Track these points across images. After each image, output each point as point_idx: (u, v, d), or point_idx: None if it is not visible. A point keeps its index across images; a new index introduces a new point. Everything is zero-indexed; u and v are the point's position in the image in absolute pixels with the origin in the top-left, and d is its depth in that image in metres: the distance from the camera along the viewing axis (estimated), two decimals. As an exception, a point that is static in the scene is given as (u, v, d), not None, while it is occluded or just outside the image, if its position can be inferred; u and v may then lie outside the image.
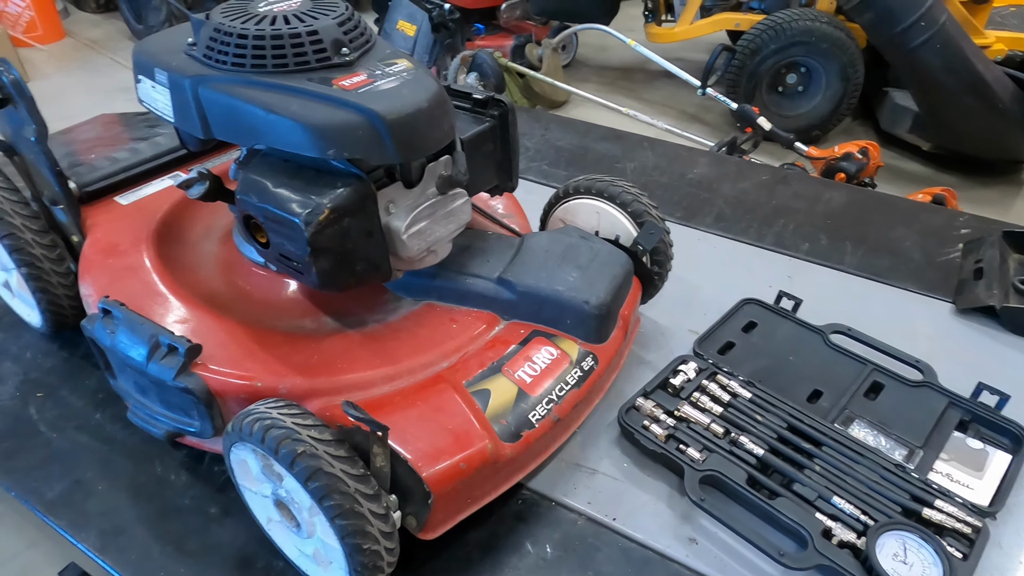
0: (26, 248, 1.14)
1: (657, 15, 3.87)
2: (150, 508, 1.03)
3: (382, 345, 1.03)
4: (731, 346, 1.26)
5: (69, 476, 1.08)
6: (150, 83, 1.01)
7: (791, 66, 3.38)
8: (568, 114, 3.46)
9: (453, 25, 3.11)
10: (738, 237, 1.62)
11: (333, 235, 0.90)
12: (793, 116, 3.44)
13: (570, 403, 1.01)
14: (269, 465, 0.84)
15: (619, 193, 1.22)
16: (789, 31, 3.25)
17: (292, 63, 0.92)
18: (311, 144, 0.88)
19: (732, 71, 3.41)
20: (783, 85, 3.45)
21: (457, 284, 1.09)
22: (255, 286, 1.14)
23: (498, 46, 3.72)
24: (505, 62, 3.50)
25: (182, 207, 1.27)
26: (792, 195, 1.80)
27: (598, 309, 1.04)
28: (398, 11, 3.46)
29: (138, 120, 2.36)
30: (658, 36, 3.84)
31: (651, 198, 1.24)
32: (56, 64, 4.33)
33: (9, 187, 1.16)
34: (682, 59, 3.91)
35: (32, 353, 1.31)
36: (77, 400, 1.21)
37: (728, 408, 1.12)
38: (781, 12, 3.33)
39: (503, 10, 3.96)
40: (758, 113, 2.91)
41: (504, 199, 1.36)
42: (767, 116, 2.97)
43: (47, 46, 4.52)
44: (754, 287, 1.40)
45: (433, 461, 0.86)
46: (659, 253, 1.23)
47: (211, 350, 0.97)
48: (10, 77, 1.07)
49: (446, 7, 3.07)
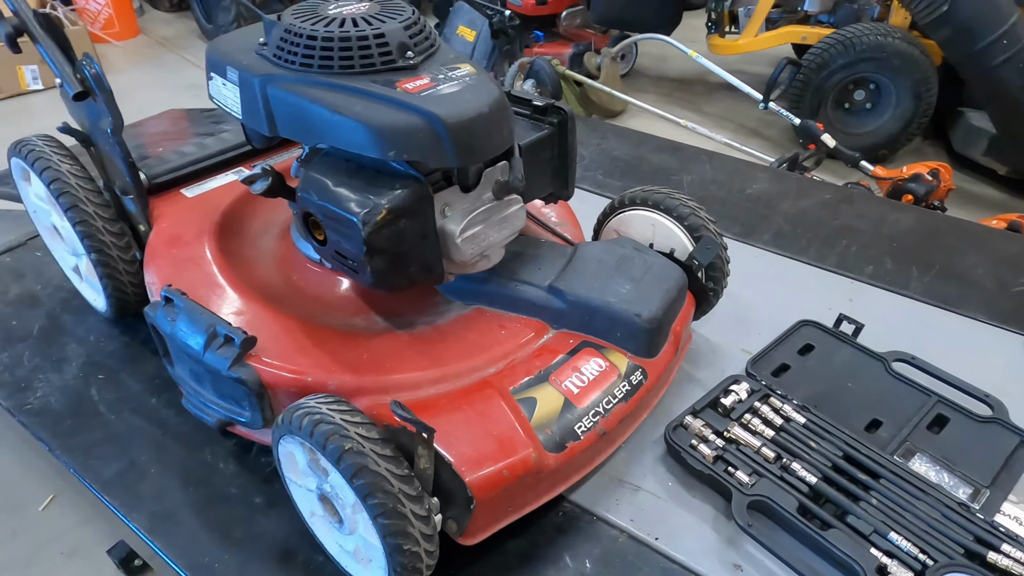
0: (97, 235, 1.20)
1: (720, 26, 3.82)
2: (198, 494, 1.07)
3: (430, 347, 1.04)
4: (786, 368, 1.24)
5: (124, 457, 1.12)
6: (221, 80, 1.05)
7: (859, 82, 3.28)
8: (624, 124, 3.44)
9: (512, 32, 3.14)
10: (797, 256, 1.59)
11: (389, 235, 0.92)
12: (859, 134, 3.34)
13: (617, 417, 1.01)
14: (316, 460, 0.86)
15: (676, 206, 1.21)
16: (859, 46, 3.16)
17: (358, 65, 0.94)
18: (372, 145, 0.90)
19: (796, 85, 3.34)
20: (850, 101, 3.35)
21: (508, 290, 1.10)
22: (309, 282, 1.17)
23: (556, 54, 3.73)
24: (563, 70, 3.51)
25: (243, 201, 1.31)
26: (856, 215, 1.75)
27: (649, 323, 1.03)
28: (459, 17, 3.51)
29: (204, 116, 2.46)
30: (721, 48, 3.79)
31: (708, 212, 1.23)
32: (130, 60, 4.55)
33: (84, 176, 1.22)
34: (744, 72, 3.84)
35: (96, 336, 1.37)
36: (135, 384, 1.26)
37: (780, 432, 1.09)
38: (851, 26, 3.24)
39: (563, 18, 3.97)
40: (822, 129, 2.84)
41: (558, 207, 1.36)
42: (831, 133, 2.90)
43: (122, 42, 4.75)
44: (812, 309, 1.37)
45: (477, 466, 0.86)
46: (715, 269, 1.22)
47: (265, 343, 0.99)
48: (92, 71, 1.13)
49: (506, 14, 3.10)
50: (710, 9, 3.80)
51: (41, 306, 1.45)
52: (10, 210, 1.95)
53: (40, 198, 1.31)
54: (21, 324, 1.40)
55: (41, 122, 3.57)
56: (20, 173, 1.33)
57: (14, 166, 1.32)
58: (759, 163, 2.36)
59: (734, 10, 3.85)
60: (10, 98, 3.89)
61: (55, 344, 1.35)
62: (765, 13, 3.65)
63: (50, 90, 3.94)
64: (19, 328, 1.40)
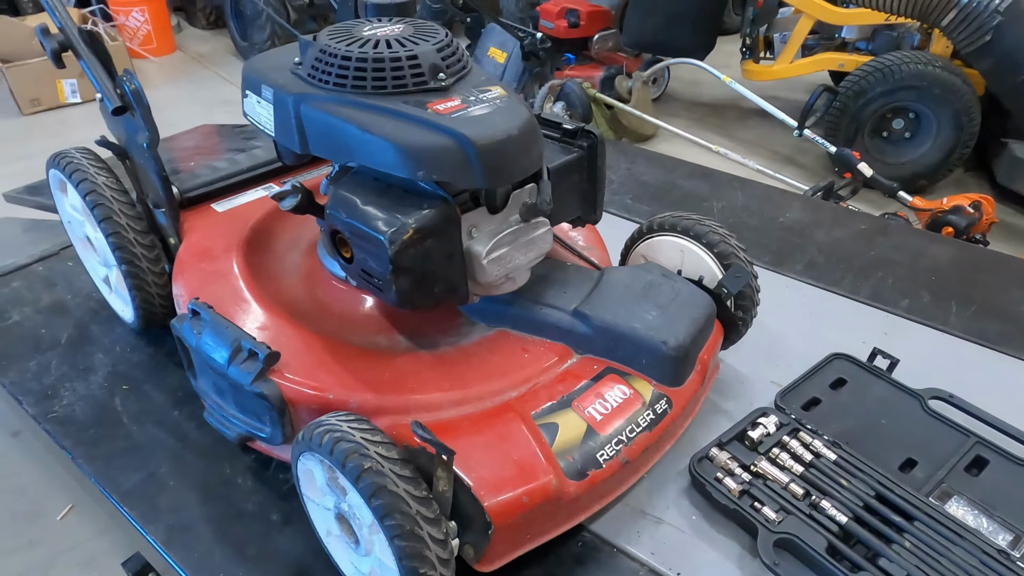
0: (128, 247, 1.24)
1: (755, 52, 3.83)
2: (216, 508, 1.08)
3: (452, 368, 1.05)
4: (816, 402, 1.22)
5: (144, 469, 1.14)
6: (256, 98, 1.09)
7: (898, 111, 3.26)
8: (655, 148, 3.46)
9: (543, 54, 3.19)
10: (830, 287, 1.57)
11: (415, 255, 0.94)
12: (898, 163, 3.31)
13: (640, 446, 1.00)
14: (335, 478, 0.87)
15: (706, 232, 1.21)
16: (898, 74, 3.15)
17: (390, 85, 0.97)
18: (401, 164, 0.92)
19: (833, 113, 3.33)
20: (888, 130, 3.33)
21: (532, 313, 1.11)
22: (334, 299, 1.19)
23: (587, 76, 3.77)
24: (593, 93, 3.54)
25: (272, 217, 1.34)
26: (893, 247, 1.72)
27: (676, 351, 1.03)
28: (490, 38, 3.57)
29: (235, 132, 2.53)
30: (755, 74, 3.80)
31: (739, 240, 1.22)
32: (165, 76, 4.70)
33: (119, 188, 1.26)
34: (778, 98, 3.84)
35: (121, 347, 1.40)
36: (158, 396, 1.28)
37: (810, 468, 1.07)
38: (891, 54, 3.23)
39: (595, 41, 4.02)
40: (859, 158, 2.82)
41: (585, 231, 1.37)
42: (868, 162, 2.88)
43: (159, 58, 4.92)
44: (845, 342, 1.35)
45: (496, 491, 0.87)
46: (745, 298, 1.21)
47: (288, 359, 1.01)
48: (132, 87, 1.17)
49: (538, 36, 3.15)
50: (745, 35, 3.82)
51: (70, 315, 1.50)
52: (44, 220, 2.02)
53: (75, 209, 1.36)
54: (50, 333, 1.45)
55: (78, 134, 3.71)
56: (57, 184, 1.38)
57: (52, 177, 1.37)
58: (792, 191, 2.35)
59: (769, 36, 3.87)
60: (49, 110, 4.04)
61: (82, 353, 1.39)
62: (801, 39, 3.66)
63: (88, 103, 4.09)
64: (48, 336, 1.44)
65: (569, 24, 3.94)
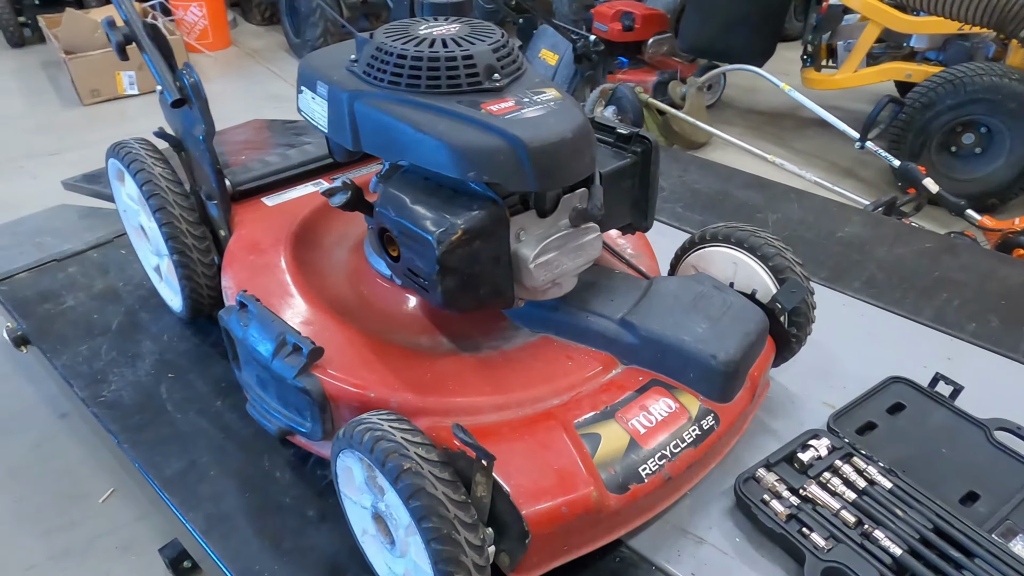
0: (180, 237, 1.28)
1: (817, 60, 3.75)
2: (254, 500, 1.10)
3: (495, 372, 1.05)
4: (872, 427, 1.19)
5: (186, 456, 1.18)
6: (311, 94, 1.11)
7: (969, 125, 3.15)
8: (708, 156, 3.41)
9: (596, 57, 3.18)
10: (890, 307, 1.53)
11: (463, 256, 0.94)
12: (966, 180, 3.20)
13: (684, 462, 0.99)
14: (373, 477, 0.88)
15: (761, 245, 1.19)
16: (970, 86, 3.04)
17: (445, 85, 0.98)
18: (452, 164, 0.93)
19: (898, 125, 3.23)
20: (957, 145, 3.22)
21: (578, 320, 1.10)
22: (378, 298, 1.20)
23: (640, 81, 3.74)
24: (646, 98, 3.52)
25: (320, 213, 1.37)
26: (959, 267, 1.67)
27: (726, 365, 1.01)
28: (542, 40, 3.58)
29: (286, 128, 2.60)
30: (816, 82, 3.71)
31: (795, 254, 1.20)
32: (220, 70, 4.85)
33: (174, 179, 1.31)
34: (839, 108, 3.75)
35: (169, 336, 1.45)
36: (203, 385, 1.32)
37: (863, 496, 1.05)
38: (963, 65, 3.12)
39: (649, 45, 3.99)
40: (924, 173, 2.73)
41: (635, 239, 1.36)
42: (934, 177, 2.79)
43: (215, 52, 5.07)
44: (905, 365, 1.32)
45: (535, 500, 0.86)
46: (799, 314, 1.18)
47: (331, 355, 1.03)
48: (191, 80, 1.21)
49: (591, 39, 3.15)
50: (807, 42, 3.74)
51: (122, 302, 1.55)
52: (100, 208, 2.10)
53: (131, 198, 1.41)
54: (102, 318, 1.50)
55: (135, 125, 3.84)
56: (115, 173, 1.43)
57: (111, 166, 1.42)
58: (852, 205, 2.29)
59: (833, 43, 3.78)
60: (108, 101, 4.20)
61: (131, 340, 1.44)
62: (867, 48, 3.56)
63: (145, 95, 4.24)
64: (100, 322, 1.49)
65: (624, 27, 3.92)
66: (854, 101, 4.10)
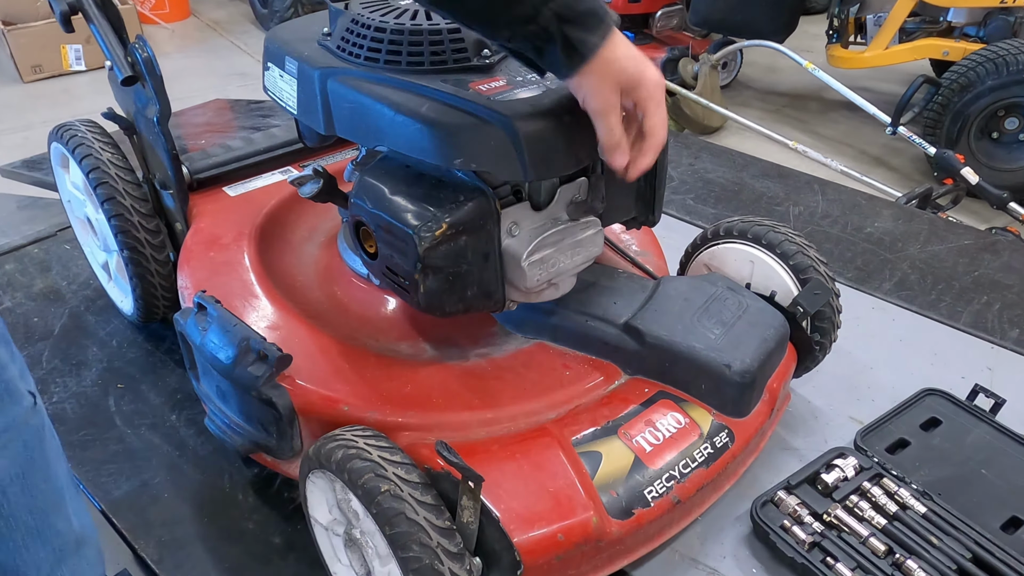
0: (131, 230, 1.27)
1: (844, 36, 3.76)
2: (213, 526, 1.10)
3: (483, 384, 1.05)
4: (904, 444, 1.19)
5: (137, 477, 1.17)
6: (278, 72, 1.11)
7: (1012, 108, 3.17)
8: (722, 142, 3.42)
9: (599, 31, 3.18)
10: (924, 312, 1.54)
11: (447, 253, 0.94)
12: (1009, 170, 3.21)
13: (695, 484, 0.99)
14: (347, 500, 0.88)
15: (781, 241, 1.19)
16: (1014, 65, 3.06)
17: (428, 61, 0.98)
18: (436, 150, 0.92)
19: (933, 108, 3.25)
20: (999, 131, 3.23)
21: (576, 325, 1.10)
22: (353, 299, 1.20)
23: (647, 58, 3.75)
24: (654, 77, 3.52)
25: (289, 204, 1.37)
26: (1001, 267, 1.68)
27: (741, 376, 1.02)
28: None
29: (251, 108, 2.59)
30: (843, 60, 3.73)
31: (818, 252, 1.21)
32: (177, 44, 4.83)
33: (125, 166, 1.30)
34: (869, 89, 3.76)
35: (118, 341, 1.45)
36: (156, 397, 1.32)
37: (894, 521, 1.05)
38: (1006, 42, 3.14)
39: (657, 18, 3.99)
40: (963, 162, 2.75)
41: (640, 234, 1.36)
42: (974, 167, 2.80)
43: (171, 24, 5.05)
44: (940, 376, 1.33)
45: (528, 526, 0.86)
46: (823, 319, 1.19)
47: (300, 363, 1.02)
48: (144, 55, 1.21)
49: (594, 11, 3.14)
50: (832, 15, 3.76)
51: (65, 304, 1.54)
52: (42, 198, 2.09)
53: (77, 187, 1.40)
54: (43, 322, 1.50)
55: (83, 105, 3.83)
56: (59, 159, 1.42)
57: (53, 151, 1.42)
58: (883, 197, 2.31)
59: (861, 17, 3.79)
60: (52, 78, 4.18)
61: (76, 346, 1.44)
62: (899, 22, 3.58)
63: (93, 72, 4.22)
64: (40, 326, 1.49)
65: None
66: (885, 82, 4.12)
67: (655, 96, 0.91)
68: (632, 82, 0.89)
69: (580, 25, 0.83)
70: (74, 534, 0.79)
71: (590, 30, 0.84)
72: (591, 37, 0.83)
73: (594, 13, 0.84)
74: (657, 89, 0.92)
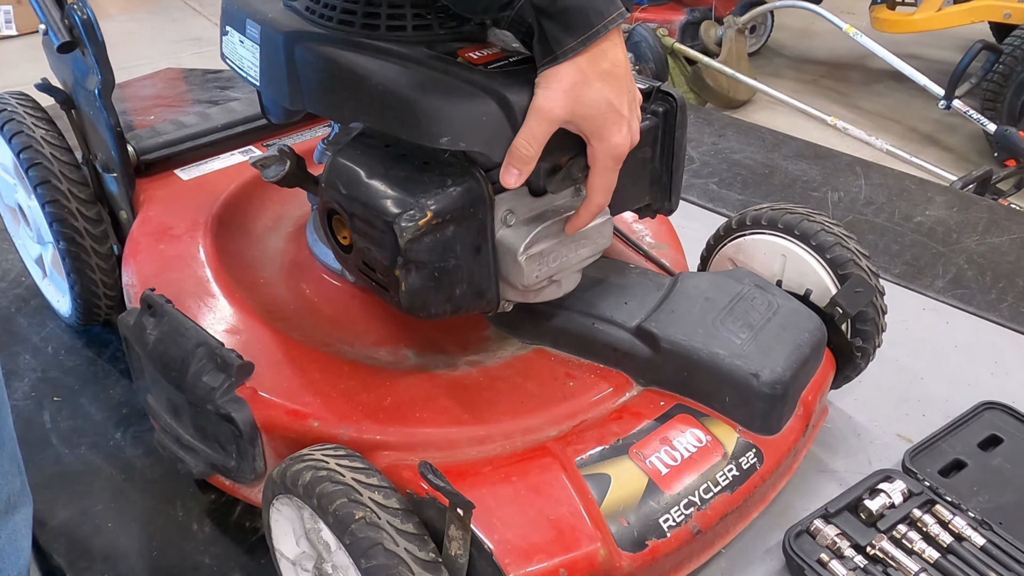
0: (69, 219, 1.28)
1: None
2: (163, 561, 1.10)
3: (475, 395, 1.06)
4: (960, 466, 1.20)
5: (77, 504, 1.18)
6: (238, 36, 1.11)
7: (1084, 80, 3.18)
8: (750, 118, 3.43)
9: (609, -9, 3.19)
10: (984, 313, 1.55)
11: (433, 245, 0.94)
12: (1080, 150, 3.23)
13: (718, 511, 0.99)
14: (316, 529, 0.88)
15: (817, 232, 1.20)
16: (1086, 30, 3.07)
17: (411, 25, 0.98)
18: (420, 128, 0.92)
19: (994, 79, 3.26)
20: (1069, 105, 3.24)
21: (581, 329, 1.11)
22: (325, 298, 1.20)
23: (664, 21, 3.76)
24: (671, 43, 3.53)
25: (251, 189, 1.37)
26: (1071, 262, 1.69)
27: (771, 387, 1.02)
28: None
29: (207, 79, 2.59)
30: (889, 24, 3.73)
31: (860, 244, 1.21)
32: (122, 4, 4.83)
33: (62, 146, 1.30)
34: (919, 57, 3.77)
35: (55, 347, 1.45)
36: (97, 412, 1.32)
37: (948, 555, 1.06)
38: (1077, 3, 3.16)
39: (677, -25, 4.00)
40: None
41: (656, 224, 1.37)
42: (1040, 146, 2.81)
43: (117, -18, 5.06)
44: (1003, 387, 1.34)
45: (525, 560, 0.86)
46: (866, 321, 1.19)
47: (263, 372, 1.03)
48: (83, 16, 1.21)
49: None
50: (878, -29, 3.77)
51: (-8, 304, 1.54)
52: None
53: (5, 170, 1.40)
54: (-33, 325, 1.50)
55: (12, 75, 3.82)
56: (-15, 137, 1.42)
57: (-22, 129, 1.41)
58: (935, 181, 2.31)
59: (911, -26, 3.80)
60: (-23, 44, 4.18)
61: (5, 353, 1.44)
62: (955, -20, 3.59)
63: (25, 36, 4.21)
64: (-36, 330, 1.49)
65: (644, -48, 3.93)
66: (938, 48, 4.13)
67: (607, 161, 0.92)
68: (590, 129, 0.89)
69: (558, 21, 0.84)
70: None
71: (569, 30, 0.84)
72: (567, 37, 0.84)
73: (579, 11, 0.84)
74: (612, 154, 0.92)
